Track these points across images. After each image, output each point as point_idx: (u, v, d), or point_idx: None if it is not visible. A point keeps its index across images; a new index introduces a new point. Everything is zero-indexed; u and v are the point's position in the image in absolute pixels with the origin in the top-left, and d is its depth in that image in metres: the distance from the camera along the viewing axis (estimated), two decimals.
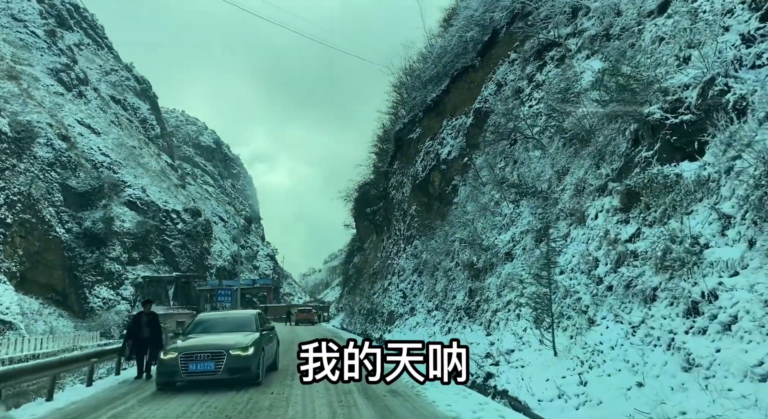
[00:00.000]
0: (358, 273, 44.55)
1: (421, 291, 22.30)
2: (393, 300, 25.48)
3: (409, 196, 27.69)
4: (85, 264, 68.22)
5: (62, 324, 63.58)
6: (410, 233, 26.98)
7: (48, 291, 64.42)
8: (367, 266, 38.08)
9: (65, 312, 65.71)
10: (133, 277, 73.42)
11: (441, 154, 24.35)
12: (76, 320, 65.15)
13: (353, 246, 63.93)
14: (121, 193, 78.44)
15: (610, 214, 10.47)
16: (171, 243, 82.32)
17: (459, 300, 16.68)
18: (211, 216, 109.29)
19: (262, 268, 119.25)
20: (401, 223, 29.12)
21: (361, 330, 32.53)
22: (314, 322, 53.33)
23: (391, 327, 23.62)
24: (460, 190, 21.55)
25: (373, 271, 31.63)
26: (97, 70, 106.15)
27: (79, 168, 73.45)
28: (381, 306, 27.74)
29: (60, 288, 65.83)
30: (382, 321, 26.30)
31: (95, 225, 69.44)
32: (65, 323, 64.23)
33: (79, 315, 66.33)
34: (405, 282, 25.03)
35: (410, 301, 23.06)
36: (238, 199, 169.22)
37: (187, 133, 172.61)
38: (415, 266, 24.47)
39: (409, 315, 22.23)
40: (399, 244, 28.83)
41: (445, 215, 22.05)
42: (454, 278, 17.85)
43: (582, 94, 13.21)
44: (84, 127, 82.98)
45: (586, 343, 8.98)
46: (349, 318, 39.95)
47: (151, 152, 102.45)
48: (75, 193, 70.14)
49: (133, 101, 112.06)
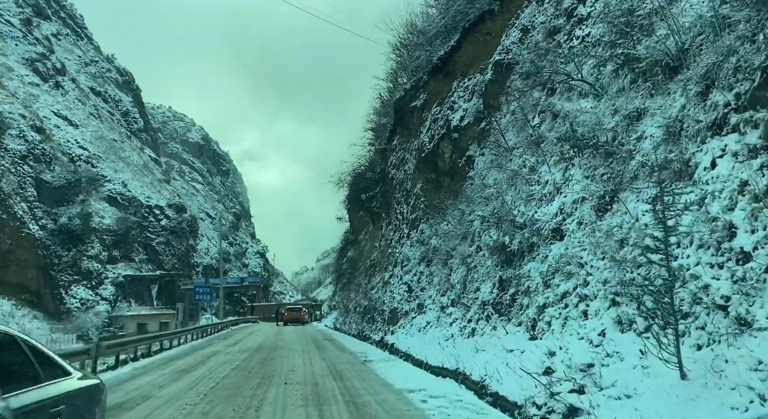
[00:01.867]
0: (353, 267, 40.68)
1: (430, 284, 18.93)
2: (396, 296, 21.94)
3: (413, 173, 23.65)
4: (61, 262, 64.14)
5: (36, 327, 59.48)
6: (415, 216, 23.08)
7: (21, 291, 60.36)
8: (363, 258, 34.35)
9: (40, 314, 61.66)
10: (114, 276, 69.43)
11: (452, 121, 20.59)
12: (51, 322, 61.10)
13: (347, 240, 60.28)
14: (100, 188, 74.31)
15: (740, 158, 6.86)
16: (154, 240, 78.32)
17: (485, 293, 13.13)
18: (197, 212, 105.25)
19: (252, 266, 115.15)
20: (403, 206, 25.17)
21: (357, 330, 29.14)
22: (305, 322, 49.52)
23: (394, 328, 20.16)
24: (477, 161, 17.91)
25: (370, 264, 27.89)
26: (76, 61, 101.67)
27: (54, 161, 69.28)
28: (381, 303, 24.26)
29: (34, 288, 61.77)
30: (382, 320, 22.79)
31: (72, 221, 65.31)
32: (40, 325, 60.19)
33: (55, 317, 62.31)
34: (410, 274, 21.42)
35: (417, 296, 19.62)
36: (227, 197, 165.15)
37: (175, 129, 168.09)
38: (422, 254, 20.78)
39: (416, 313, 18.92)
40: (401, 230, 24.93)
41: (458, 192, 18.40)
42: (475, 266, 14.27)
43: (660, 11, 9.69)
44: (61, 119, 78.72)
45: (732, 360, 5.39)
46: (343, 317, 36.34)
47: (133, 146, 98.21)
48: (50, 187, 65.98)
49: (115, 93, 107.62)
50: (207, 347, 22.28)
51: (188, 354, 18.52)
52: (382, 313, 23.54)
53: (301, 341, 24.35)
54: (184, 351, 20.53)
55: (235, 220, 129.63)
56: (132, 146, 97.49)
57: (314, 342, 24.05)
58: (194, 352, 19.54)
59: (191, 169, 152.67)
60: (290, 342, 23.75)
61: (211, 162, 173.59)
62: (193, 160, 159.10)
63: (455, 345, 12.96)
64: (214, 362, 15.71)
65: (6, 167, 61.52)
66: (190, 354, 18.81)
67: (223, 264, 69.46)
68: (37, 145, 67.00)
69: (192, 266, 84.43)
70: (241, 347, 21.23)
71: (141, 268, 73.84)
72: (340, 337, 28.68)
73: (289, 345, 21.69)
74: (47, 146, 69.35)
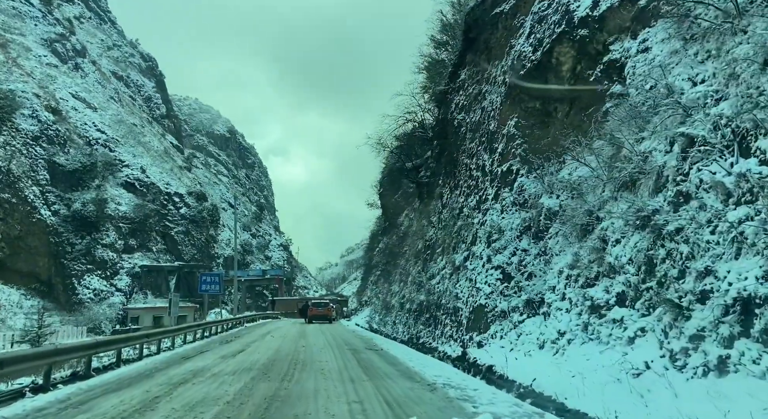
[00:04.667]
0: (390, 256, 34.95)
1: (548, 267, 12.18)
2: (482, 287, 15.04)
3: (498, 108, 15.99)
4: (74, 251, 60.58)
5: (46, 319, 56.06)
6: (507, 167, 15.70)
7: (31, 281, 56.96)
8: (409, 242, 28.57)
9: (51, 305, 58.05)
10: (130, 266, 65.70)
11: (576, 11, 13.70)
12: (62, 314, 57.49)
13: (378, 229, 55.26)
14: (117, 173, 70.71)
15: None
16: (173, 229, 74.52)
17: (739, 278, 7.02)
18: (219, 201, 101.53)
19: (275, 259, 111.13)
20: (482, 157, 17.02)
21: (407, 334, 22.87)
22: (332, 319, 43.88)
23: (483, 337, 13.72)
24: (635, 63, 11.03)
25: (424, 245, 21.89)
26: (98, 45, 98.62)
27: (69, 143, 65.79)
28: (451, 298, 17.39)
29: (45, 277, 58.37)
30: (455, 323, 16.64)
31: (86, 207, 61.68)
32: (50, 317, 56.72)
33: (66, 308, 58.73)
34: (505, 254, 14.24)
35: (522, 287, 12.92)
36: (252, 190, 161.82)
37: (201, 121, 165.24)
38: (524, 222, 13.99)
39: (524, 314, 12.42)
40: (480, 191, 16.96)
41: (584, 124, 12.11)
42: (682, 228, 7.89)
43: None
44: (79, 101, 75.38)
45: None
46: (382, 316, 30.08)
47: (154, 131, 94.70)
48: (63, 171, 62.48)
49: (137, 78, 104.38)
50: (194, 358, 15.84)
51: (149, 376, 12.06)
52: (454, 313, 16.92)
53: (333, 351, 17.79)
54: (153, 365, 14.16)
55: (258, 211, 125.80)
56: (153, 132, 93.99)
57: (353, 353, 17.22)
58: (166, 369, 13.24)
59: (216, 161, 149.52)
60: (317, 352, 17.14)
61: (237, 154, 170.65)
62: (218, 152, 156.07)
63: (667, 390, 6.86)
64: (177, 403, 8.72)
65: (17, 148, 58.03)
66: (154, 374, 12.31)
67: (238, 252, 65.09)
68: (50, 126, 63.52)
69: (212, 257, 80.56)
70: (243, 361, 14.76)
71: (159, 259, 70.12)
72: (385, 344, 21.43)
73: (315, 359, 15.08)
74: (62, 128, 65.88)
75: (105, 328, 59.08)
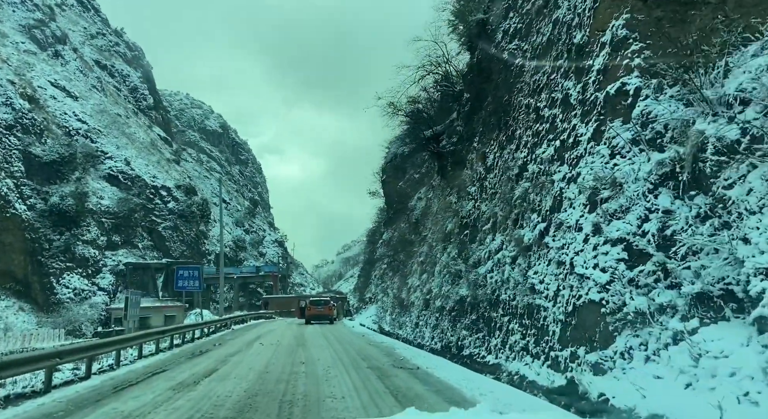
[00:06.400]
0: (401, 244, 30.54)
1: (737, 230, 6.17)
2: (588, 272, 8.95)
3: (594, 4, 9.91)
4: (52, 247, 56.39)
5: (22, 320, 51.89)
6: (615, 89, 9.69)
7: (5, 280, 52.93)
8: (430, 223, 24.14)
9: (27, 305, 54.11)
10: (113, 264, 61.59)
11: None
12: (39, 315, 53.40)
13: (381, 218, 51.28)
14: (99, 165, 66.51)
15: None
16: (160, 224, 70.35)
17: None
18: (210, 196, 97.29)
19: (270, 256, 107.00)
20: (563, 86, 10.25)
21: (441, 341, 17.34)
22: (333, 319, 39.48)
23: (605, 356, 7.63)
24: None
25: (460, 223, 17.39)
26: (80, 33, 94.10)
27: (46, 133, 61.44)
28: (521, 291, 11.64)
29: (20, 276, 54.28)
30: (532, 329, 10.81)
31: (64, 201, 57.46)
32: (26, 319, 52.57)
33: (44, 309, 54.57)
34: (629, 219, 8.21)
35: (675, 271, 6.95)
36: (246, 187, 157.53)
37: (192, 116, 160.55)
38: (663, 166, 7.85)
39: (693, 316, 6.41)
40: (558, 137, 10.48)
41: None
42: None
43: None
44: (58, 90, 71.02)
45: None
46: (394, 315, 25.15)
47: (140, 123, 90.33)
48: (40, 162, 58.26)
49: (122, 68, 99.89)
50: (132, 389, 10.59)
51: None
52: (528, 314, 11.20)
53: (347, 373, 12.40)
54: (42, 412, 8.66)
55: (252, 206, 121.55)
56: (139, 123, 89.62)
57: (380, 377, 11.70)
58: None
59: (209, 157, 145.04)
60: (325, 376, 11.81)
61: (230, 151, 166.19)
62: (210, 148, 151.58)
63: None
64: None
65: None
66: None
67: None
68: (26, 115, 59.18)
69: (203, 254, 76.42)
70: (205, 396, 9.50)
71: (145, 255, 65.99)
72: (415, 356, 15.85)
73: (324, 393, 9.72)
74: (39, 116, 61.56)
75: (86, 330, 54.98)
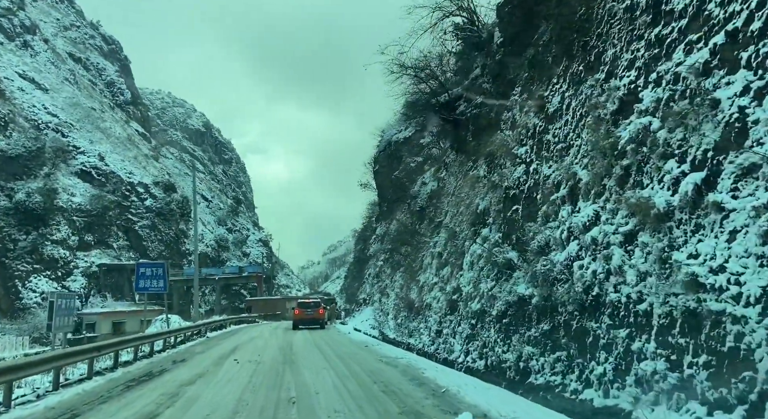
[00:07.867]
0: (404, 235, 27.04)
1: None
2: None
3: None
4: (17, 248, 52.43)
5: None
6: None
7: None
8: (447, 205, 20.36)
9: None
10: (86, 265, 57.65)
11: None
12: (2, 321, 49.35)
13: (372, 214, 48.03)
14: (70, 160, 62.48)
15: None
16: (137, 223, 66.49)
17: None
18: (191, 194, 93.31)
19: (254, 256, 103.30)
20: None
21: (484, 359, 12.05)
22: (324, 324, 35.70)
23: None
24: None
25: (504, 196, 12.44)
26: (52, 24, 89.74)
27: (12, 126, 57.32)
28: (662, 288, 6.46)
29: None
30: (683, 353, 5.91)
31: (31, 198, 53.51)
32: None
33: (8, 315, 50.56)
34: None
35: None
36: (230, 186, 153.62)
37: (174, 115, 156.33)
38: None
39: None
40: None
41: None
42: None
43: None
44: (26, 81, 66.87)
45: None
46: (400, 319, 21.07)
47: (116, 117, 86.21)
48: (4, 156, 54.19)
49: (98, 61, 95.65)
50: None
51: None
52: (694, 328, 6.07)
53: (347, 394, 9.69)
54: None
55: (235, 204, 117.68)
56: (115, 118, 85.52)
57: None
58: None
59: (192, 157, 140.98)
60: None
61: (213, 150, 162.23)
62: (193, 147, 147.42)
63: None
64: None
65: None
66: None
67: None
68: None
69: (183, 254, 72.58)
70: None
71: (120, 256, 62.09)
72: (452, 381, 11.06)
73: None
74: (4, 109, 57.46)
75: (55, 338, 51.22)
